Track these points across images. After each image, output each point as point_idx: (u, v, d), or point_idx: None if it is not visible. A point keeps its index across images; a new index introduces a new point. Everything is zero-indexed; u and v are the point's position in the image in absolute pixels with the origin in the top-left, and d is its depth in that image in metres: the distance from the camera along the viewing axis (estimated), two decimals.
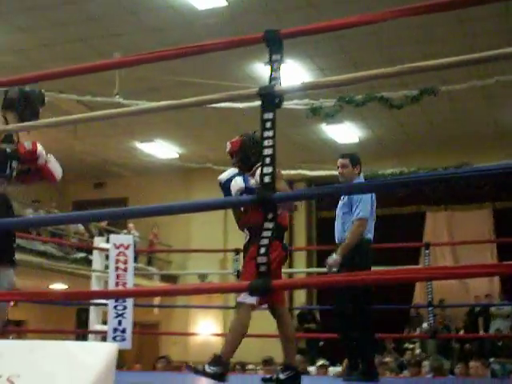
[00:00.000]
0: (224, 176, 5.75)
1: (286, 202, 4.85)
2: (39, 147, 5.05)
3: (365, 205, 6.25)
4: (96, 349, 2.25)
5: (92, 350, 2.20)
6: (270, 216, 2.57)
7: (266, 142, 2.64)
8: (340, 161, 6.72)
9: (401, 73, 2.83)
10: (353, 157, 6.79)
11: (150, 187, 19.16)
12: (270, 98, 2.66)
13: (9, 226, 4.42)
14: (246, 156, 5.68)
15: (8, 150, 4.86)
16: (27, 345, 2.30)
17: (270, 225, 2.57)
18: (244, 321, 5.41)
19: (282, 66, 2.80)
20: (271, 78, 2.76)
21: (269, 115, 2.65)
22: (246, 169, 5.69)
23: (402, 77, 10.62)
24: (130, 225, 17.67)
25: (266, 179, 2.61)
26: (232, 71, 12.73)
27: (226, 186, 5.53)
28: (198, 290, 3.28)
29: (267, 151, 2.62)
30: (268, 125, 2.64)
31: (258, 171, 5.50)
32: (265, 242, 2.57)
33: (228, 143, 5.87)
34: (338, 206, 6.70)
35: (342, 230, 6.59)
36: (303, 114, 11.71)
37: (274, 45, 2.76)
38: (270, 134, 2.63)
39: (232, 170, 5.78)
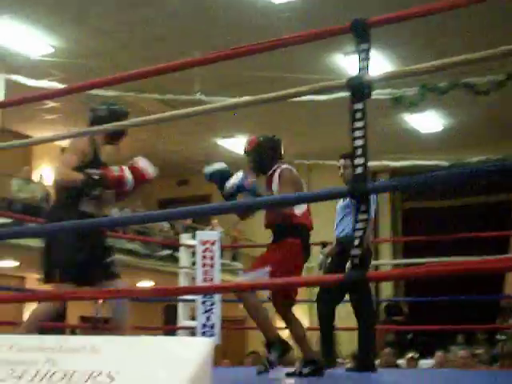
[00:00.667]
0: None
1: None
2: (126, 173, 5.02)
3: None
4: (193, 344, 2.26)
5: (189, 345, 2.21)
6: (363, 208, 2.55)
7: (356, 133, 2.62)
8: (341, 162, 6.62)
9: (488, 57, 2.76)
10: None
11: None
12: (360, 88, 2.64)
13: (98, 225, 4.49)
14: (260, 158, 5.65)
15: (96, 176, 4.88)
16: (125, 340, 2.32)
17: (363, 216, 2.55)
18: (257, 305, 5.38)
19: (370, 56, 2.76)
20: (360, 68, 2.73)
21: (359, 105, 2.63)
22: (258, 170, 5.69)
23: (489, 61, 10.41)
24: (214, 221, 17.77)
25: (359, 170, 2.59)
26: (311, 64, 12.68)
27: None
28: (291, 283, 3.27)
29: (358, 142, 2.60)
30: (358, 115, 2.61)
31: (277, 174, 5.54)
32: (358, 234, 2.55)
33: (246, 141, 5.84)
34: (339, 206, 6.65)
35: (341, 230, 6.43)
36: (385, 104, 11.58)
37: (362, 34, 2.73)
38: (360, 124, 2.61)
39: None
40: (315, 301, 6.45)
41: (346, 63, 12.63)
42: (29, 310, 16.03)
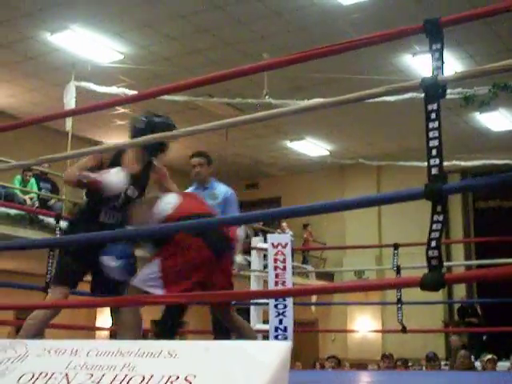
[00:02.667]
0: None
1: None
2: (109, 178, 4.99)
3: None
4: (270, 347, 2.26)
5: (267, 349, 2.21)
6: (439, 208, 2.52)
7: (431, 134, 2.59)
8: (194, 160, 6.60)
9: None
10: (208, 156, 6.70)
11: (302, 186, 19.27)
12: (434, 88, 2.61)
13: (169, 230, 4.53)
14: None
15: (131, 195, 4.94)
16: (202, 344, 2.33)
17: (439, 217, 2.52)
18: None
19: (438, 55, 2.74)
20: (433, 68, 2.70)
21: (433, 106, 2.60)
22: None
23: None
24: (284, 224, 17.79)
25: (434, 171, 2.56)
26: (379, 65, 12.63)
27: None
28: (371, 286, 3.25)
29: (433, 143, 2.58)
30: (433, 116, 2.59)
31: None
32: (435, 235, 2.52)
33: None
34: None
35: None
36: (456, 103, 11.45)
37: (434, 34, 2.70)
38: (435, 125, 2.59)
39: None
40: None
41: (415, 63, 12.53)
42: (101, 314, 16.31)
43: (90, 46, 12.19)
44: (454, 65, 12.46)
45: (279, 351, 2.16)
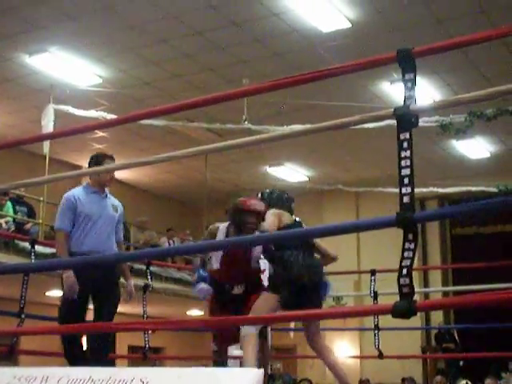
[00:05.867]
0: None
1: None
2: None
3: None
4: (242, 375, 2.26)
5: (239, 376, 2.21)
6: (411, 236, 2.54)
7: (403, 163, 2.62)
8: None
9: None
10: None
11: None
12: (406, 117, 2.64)
13: (149, 256, 4.53)
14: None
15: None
16: (175, 372, 2.33)
17: (410, 245, 2.54)
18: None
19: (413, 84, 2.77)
20: (406, 98, 2.73)
21: (405, 135, 2.63)
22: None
23: None
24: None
25: (405, 199, 2.59)
26: (358, 92, 12.71)
27: None
28: (343, 313, 3.26)
29: (405, 171, 2.61)
30: (405, 145, 2.62)
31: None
32: (407, 262, 2.54)
33: (257, 202, 6.17)
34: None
35: None
36: (433, 131, 11.53)
37: (407, 64, 2.73)
38: (407, 153, 2.62)
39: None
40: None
41: (394, 90, 12.62)
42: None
43: (68, 69, 12.15)
44: (432, 93, 12.56)
45: (251, 378, 2.16)
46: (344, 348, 17.82)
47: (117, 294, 6.11)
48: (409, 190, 2.61)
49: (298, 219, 6.59)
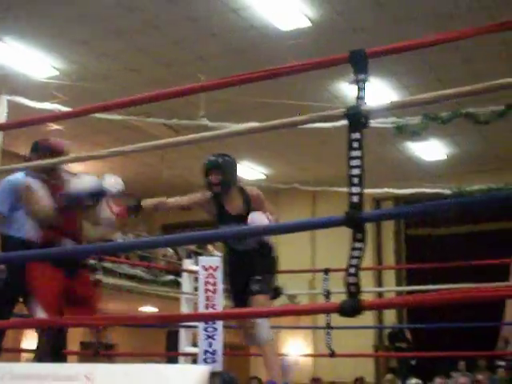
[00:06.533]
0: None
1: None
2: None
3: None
4: (188, 371, 2.26)
5: (185, 373, 2.21)
6: (359, 236, 2.56)
7: (353, 162, 2.64)
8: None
9: (489, 89, 2.78)
10: None
11: None
12: (357, 118, 2.66)
13: (101, 251, 4.50)
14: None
15: None
16: (120, 368, 2.31)
17: (359, 245, 2.56)
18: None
19: (368, 85, 2.78)
20: (357, 98, 2.75)
21: (356, 135, 2.65)
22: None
23: (490, 92, 10.48)
24: (210, 246, 17.66)
25: (355, 199, 2.60)
26: (316, 91, 12.75)
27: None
28: (290, 311, 3.27)
29: (355, 171, 2.62)
30: (355, 145, 2.63)
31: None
32: (354, 262, 2.56)
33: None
34: None
35: None
36: (389, 132, 11.62)
37: (360, 64, 2.75)
38: (357, 153, 2.63)
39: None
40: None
41: (351, 91, 12.68)
42: (28, 336, 16.03)
43: (24, 60, 12.01)
44: (389, 95, 12.67)
45: (197, 375, 2.16)
46: (298, 346, 17.89)
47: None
48: (358, 189, 2.62)
49: None
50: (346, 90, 12.83)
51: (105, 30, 11.27)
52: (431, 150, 15.88)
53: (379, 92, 12.50)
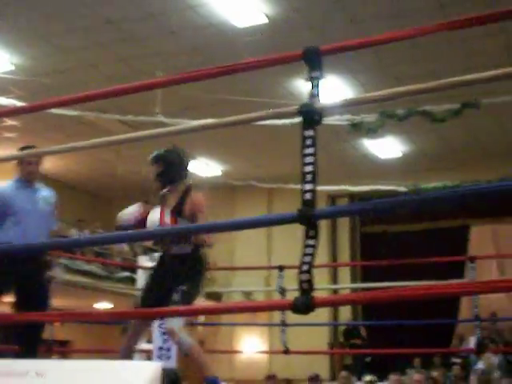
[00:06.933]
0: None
1: None
2: None
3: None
4: (141, 368, 2.25)
5: (137, 369, 2.20)
6: (312, 233, 2.57)
7: (306, 159, 2.65)
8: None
9: (443, 87, 2.81)
10: None
11: None
12: (310, 115, 2.67)
13: (55, 247, 4.46)
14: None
15: None
16: (72, 365, 2.30)
17: (311, 242, 2.57)
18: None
19: (324, 82, 2.79)
20: (311, 95, 2.75)
21: (309, 132, 2.66)
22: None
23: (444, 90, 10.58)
24: None
25: (307, 196, 2.61)
26: (273, 88, 12.76)
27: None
28: (242, 307, 3.28)
29: (308, 168, 2.63)
30: (309, 142, 2.64)
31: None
32: (307, 259, 2.56)
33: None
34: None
35: None
36: (344, 130, 11.68)
37: (314, 61, 2.76)
38: (310, 151, 2.64)
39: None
40: None
41: (306, 88, 12.71)
42: None
43: None
44: (346, 92, 12.71)
45: (149, 371, 2.16)
46: (253, 343, 17.91)
47: (42, 287, 6.04)
48: (311, 186, 2.63)
49: None
50: (302, 87, 12.85)
51: (62, 26, 11.17)
52: (386, 147, 15.95)
53: (335, 89, 12.54)
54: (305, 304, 2.51)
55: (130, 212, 5.76)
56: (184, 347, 5.24)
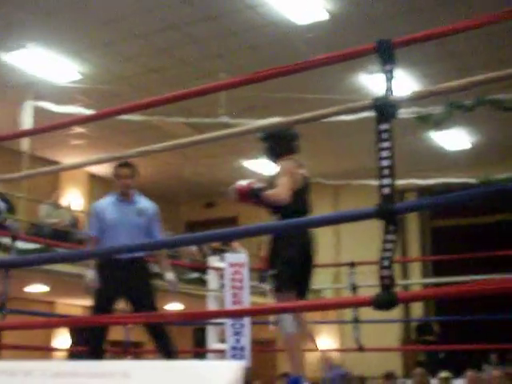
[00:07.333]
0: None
1: None
2: None
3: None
4: (223, 368, 2.25)
5: (220, 369, 2.20)
6: (392, 228, 2.54)
7: (383, 154, 2.62)
8: (125, 170, 6.57)
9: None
10: (136, 167, 6.70)
11: None
12: (385, 108, 2.64)
13: (124, 250, 4.51)
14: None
15: None
16: (156, 365, 2.31)
17: (392, 237, 2.54)
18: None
19: (395, 76, 2.76)
20: (385, 89, 2.72)
21: (385, 126, 2.63)
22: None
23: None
24: (235, 243, 17.63)
25: (386, 191, 2.58)
26: (335, 84, 12.70)
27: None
28: (323, 305, 3.26)
29: (385, 162, 2.60)
30: (385, 136, 2.62)
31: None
32: (387, 254, 2.54)
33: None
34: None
35: None
36: (411, 122, 11.55)
37: (386, 55, 2.73)
38: (387, 144, 2.61)
39: None
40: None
41: (371, 82, 12.64)
42: (58, 335, 16.15)
43: (47, 65, 12.09)
44: (410, 84, 12.58)
45: (231, 371, 2.15)
46: (324, 341, 17.86)
47: (149, 290, 6.45)
48: (389, 181, 2.61)
49: (305, 172, 6.07)
50: (365, 82, 12.78)
51: (125, 32, 11.30)
52: (455, 139, 15.71)
53: (399, 82, 12.42)
54: (387, 300, 2.49)
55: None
56: (283, 332, 5.39)
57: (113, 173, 6.52)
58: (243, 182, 5.54)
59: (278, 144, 5.74)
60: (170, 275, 6.52)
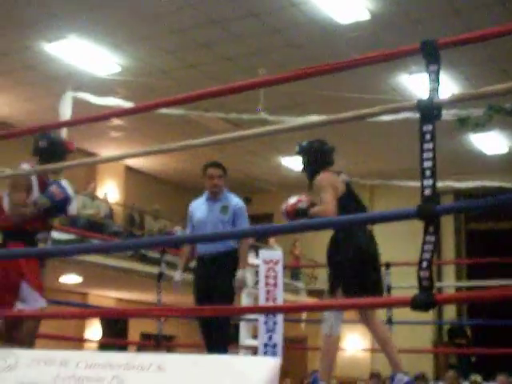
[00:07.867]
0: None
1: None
2: None
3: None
4: (259, 363, 2.25)
5: (255, 365, 2.20)
6: (432, 229, 2.53)
7: (425, 155, 2.60)
8: (214, 170, 6.79)
9: None
10: (225, 167, 6.87)
11: None
12: (430, 109, 2.62)
13: (164, 244, 4.53)
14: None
15: None
16: (190, 359, 2.32)
17: (431, 238, 2.53)
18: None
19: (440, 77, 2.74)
20: (429, 90, 2.71)
21: (428, 127, 2.61)
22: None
23: None
24: (272, 240, 17.68)
25: (427, 192, 2.57)
26: (375, 83, 12.65)
27: None
28: (357, 304, 3.25)
29: (427, 164, 2.59)
30: (428, 137, 2.60)
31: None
32: (427, 255, 2.53)
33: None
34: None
35: None
36: (450, 125, 11.46)
37: (431, 55, 2.71)
38: (429, 146, 2.60)
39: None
40: None
41: (411, 83, 12.58)
42: (90, 325, 16.26)
43: (87, 56, 12.18)
44: (450, 86, 12.50)
45: (268, 367, 2.16)
46: (355, 340, 17.83)
47: (223, 286, 6.39)
48: (431, 182, 2.59)
49: (345, 176, 5.95)
50: (406, 82, 12.71)
51: (165, 27, 11.34)
52: (493, 142, 15.59)
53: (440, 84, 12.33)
54: (425, 301, 2.48)
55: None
56: (324, 332, 5.48)
57: (202, 172, 6.76)
58: (287, 205, 5.68)
59: (315, 160, 5.70)
60: (239, 273, 6.48)
